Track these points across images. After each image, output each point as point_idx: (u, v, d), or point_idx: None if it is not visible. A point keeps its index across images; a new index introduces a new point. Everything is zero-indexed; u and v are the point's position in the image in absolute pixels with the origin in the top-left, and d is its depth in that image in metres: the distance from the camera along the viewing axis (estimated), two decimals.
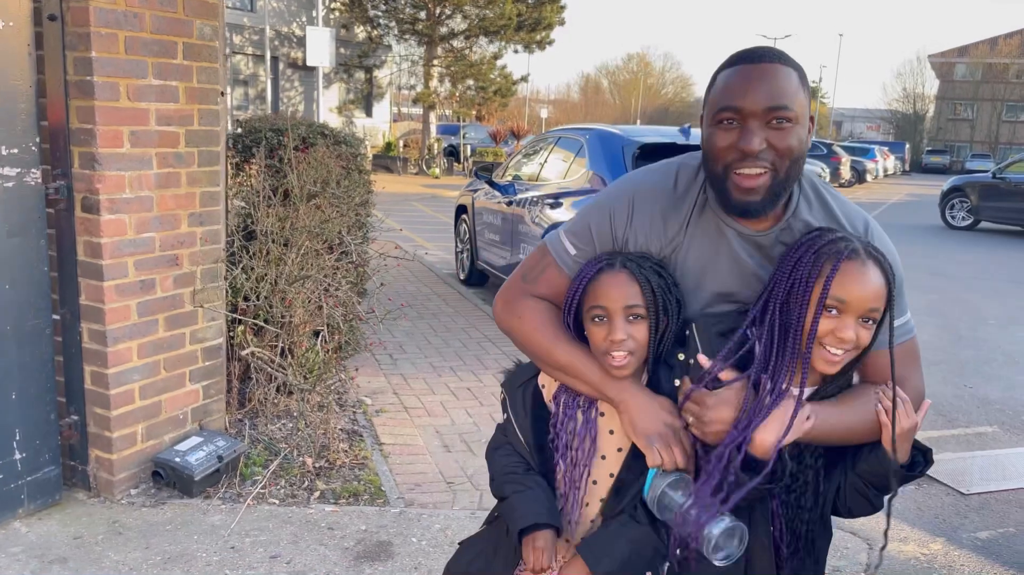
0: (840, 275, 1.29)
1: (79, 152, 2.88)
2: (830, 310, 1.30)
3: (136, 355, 3.08)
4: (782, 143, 1.34)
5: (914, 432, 1.40)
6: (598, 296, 1.43)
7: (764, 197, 1.37)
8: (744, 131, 1.34)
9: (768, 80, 1.34)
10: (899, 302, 1.43)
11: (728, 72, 1.39)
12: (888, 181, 33.51)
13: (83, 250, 2.94)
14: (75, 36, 2.79)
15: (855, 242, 1.33)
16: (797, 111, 1.35)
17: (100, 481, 3.11)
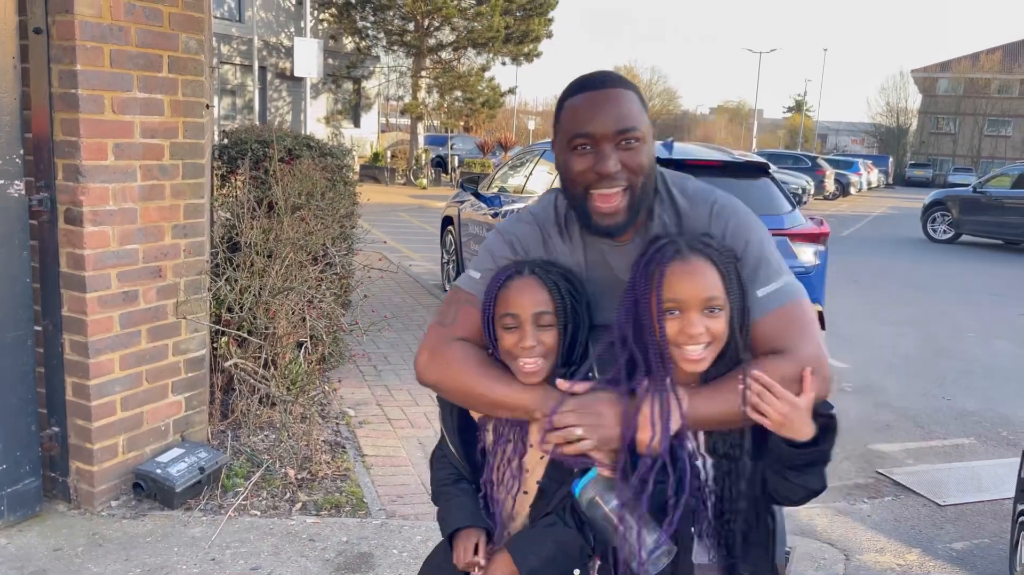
0: (667, 278, 1.35)
1: (63, 164, 2.89)
2: (671, 312, 1.35)
3: (118, 366, 3.09)
4: (634, 161, 1.42)
5: (799, 408, 1.32)
6: (508, 303, 1.46)
7: (625, 217, 1.45)
8: (599, 154, 1.41)
9: (614, 104, 1.42)
10: (764, 271, 1.44)
11: (575, 100, 1.45)
12: (872, 194, 33.84)
13: (66, 262, 2.95)
14: (60, 49, 2.81)
15: (679, 242, 1.38)
16: (643, 130, 1.43)
17: (80, 493, 3.11)
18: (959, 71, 54.84)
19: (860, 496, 3.88)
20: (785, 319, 1.43)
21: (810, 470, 1.37)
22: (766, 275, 1.44)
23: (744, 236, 1.46)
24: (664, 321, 1.36)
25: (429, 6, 23.33)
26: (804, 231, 5.26)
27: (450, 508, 1.57)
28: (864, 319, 7.95)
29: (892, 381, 5.87)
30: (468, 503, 1.55)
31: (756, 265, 1.44)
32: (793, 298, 1.45)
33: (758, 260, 1.44)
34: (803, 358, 1.39)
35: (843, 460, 4.32)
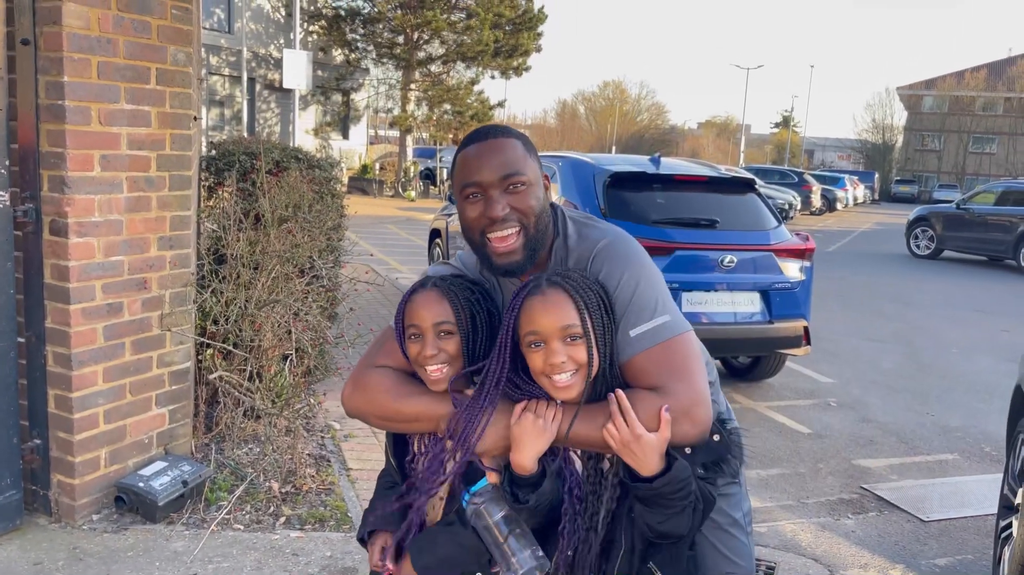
0: (524, 312, 1.43)
1: (48, 175, 2.88)
2: (536, 345, 1.42)
3: (101, 379, 3.07)
4: (522, 204, 1.50)
5: (642, 439, 1.37)
6: (411, 315, 1.55)
7: (521, 256, 1.52)
8: (487, 200, 1.50)
9: (498, 153, 1.51)
10: (634, 311, 1.47)
11: (465, 152, 1.55)
12: (858, 210, 34.11)
13: (50, 273, 2.94)
14: (48, 60, 2.81)
15: (540, 279, 1.47)
16: (529, 175, 1.52)
17: (62, 506, 3.08)
18: (944, 89, 55.49)
19: (844, 511, 3.89)
20: (656, 359, 1.45)
21: (655, 508, 1.39)
22: (636, 315, 1.47)
23: (617, 276, 1.50)
24: (528, 354, 1.44)
25: (419, 19, 23.43)
26: (790, 247, 5.30)
27: (366, 515, 1.70)
28: (848, 334, 8.00)
29: (876, 397, 5.91)
30: (384, 508, 1.65)
31: (626, 305, 1.48)
32: (665, 338, 1.46)
33: (628, 300, 1.48)
34: (685, 398, 1.41)
35: (827, 475, 4.34)
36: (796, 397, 5.81)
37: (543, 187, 1.57)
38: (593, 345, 1.42)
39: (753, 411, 5.41)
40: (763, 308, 5.19)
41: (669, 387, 1.42)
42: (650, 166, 5.57)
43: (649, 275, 1.53)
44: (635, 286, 1.49)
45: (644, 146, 59.96)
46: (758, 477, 4.23)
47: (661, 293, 1.51)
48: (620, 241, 1.57)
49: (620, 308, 1.48)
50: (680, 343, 1.47)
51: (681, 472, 1.38)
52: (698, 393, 1.43)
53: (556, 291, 1.43)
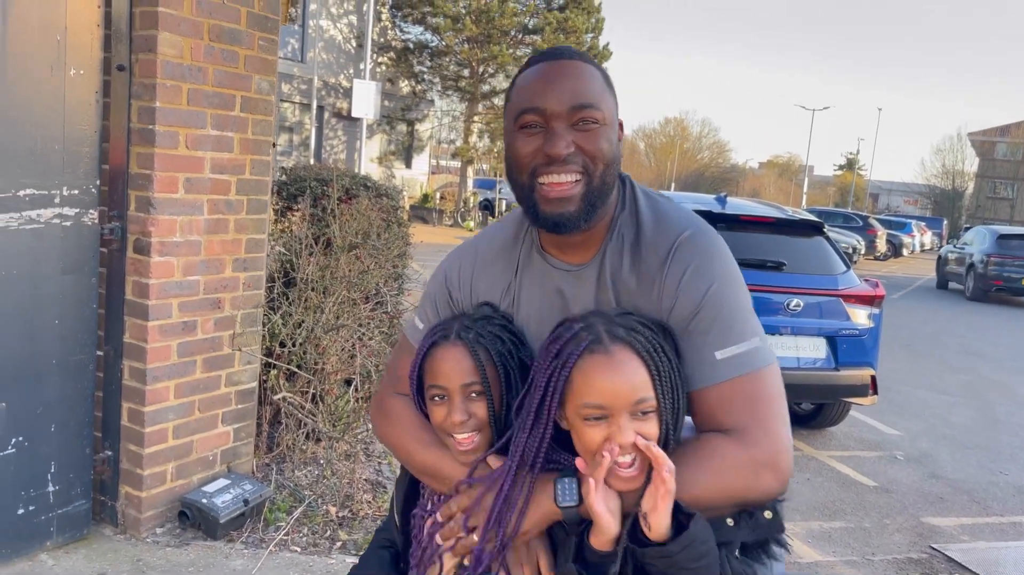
0: (582, 376, 1.14)
1: (135, 196, 2.99)
2: (595, 418, 1.14)
3: (173, 394, 3.14)
4: (591, 145, 1.22)
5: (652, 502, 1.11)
6: (435, 374, 1.33)
7: (579, 207, 1.23)
8: (549, 134, 1.22)
9: (571, 78, 1.23)
10: (723, 328, 1.22)
11: (528, 73, 1.27)
12: (924, 256, 33.18)
13: (131, 290, 3.04)
14: (141, 86, 2.93)
15: (597, 328, 1.17)
16: (605, 112, 1.24)
17: (128, 518, 3.15)
18: (1018, 136, 53.90)
19: (913, 571, 3.73)
20: (741, 392, 1.20)
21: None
22: (724, 334, 1.22)
23: (706, 282, 1.24)
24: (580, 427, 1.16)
25: (484, 53, 23.83)
26: (858, 292, 5.18)
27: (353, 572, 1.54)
28: (917, 386, 7.74)
29: (946, 452, 5.68)
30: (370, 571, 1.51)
31: (714, 320, 1.22)
32: (754, 368, 1.21)
33: (717, 314, 1.23)
34: (752, 443, 1.18)
35: (895, 532, 4.18)
36: (861, 448, 5.62)
37: (618, 135, 1.29)
38: (664, 419, 1.16)
39: (815, 459, 5.25)
40: (829, 354, 5.07)
41: (750, 429, 1.18)
42: (716, 205, 5.52)
43: (740, 284, 1.28)
44: (726, 297, 1.23)
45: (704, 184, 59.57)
46: (820, 529, 4.10)
47: (751, 310, 1.27)
48: (707, 236, 1.30)
49: (703, 322, 1.22)
50: (770, 375, 1.23)
51: (701, 532, 1.11)
52: (784, 439, 1.20)
53: (625, 351, 1.14)
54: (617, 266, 1.31)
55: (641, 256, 1.29)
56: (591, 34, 25.09)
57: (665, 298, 1.26)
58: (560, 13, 23.98)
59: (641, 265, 1.29)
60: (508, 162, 1.29)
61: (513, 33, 24.20)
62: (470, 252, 1.47)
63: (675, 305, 1.25)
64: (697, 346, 1.23)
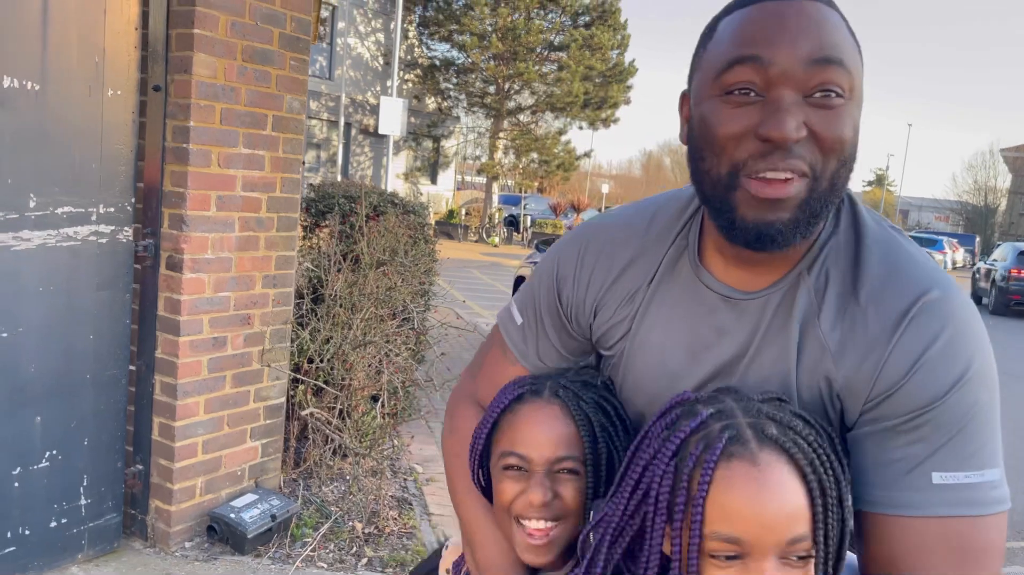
0: (719, 498, 0.78)
1: (169, 213, 3.04)
2: (723, 557, 0.79)
3: (202, 410, 3.18)
4: (831, 129, 0.83)
5: None
6: (515, 439, 1.03)
7: (794, 216, 0.85)
8: (771, 104, 0.82)
9: (810, 21, 0.82)
10: (959, 444, 0.85)
11: (741, 13, 0.86)
12: (956, 274, 32.68)
13: (163, 306, 3.08)
14: (176, 106, 2.99)
15: (736, 417, 0.81)
16: (855, 79, 0.84)
17: (157, 532, 3.18)
18: None
19: None
20: (949, 539, 0.84)
21: None
22: (957, 452, 0.84)
23: (957, 373, 0.85)
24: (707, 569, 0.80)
25: (510, 70, 23.99)
26: None
27: None
28: None
29: None
30: None
31: (951, 428, 0.85)
32: (983, 511, 0.84)
33: (959, 422, 0.85)
34: None
35: None
36: None
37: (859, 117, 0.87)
38: (823, 568, 0.81)
39: None
40: None
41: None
42: None
43: (996, 388, 0.89)
44: (978, 400, 0.85)
45: None
46: None
47: (999, 428, 0.88)
48: (963, 303, 0.89)
49: (933, 427, 0.85)
50: (998, 527, 0.86)
51: None
52: None
53: (779, 462, 0.78)
54: (813, 310, 0.91)
55: (857, 306, 0.89)
56: (616, 51, 25.16)
57: (884, 378, 0.86)
58: (586, 30, 24.10)
59: (854, 319, 0.89)
60: (696, 144, 0.89)
61: (539, 50, 24.33)
62: (584, 235, 1.09)
63: (897, 391, 0.86)
64: (910, 455, 0.85)
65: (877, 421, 0.88)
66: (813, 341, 0.91)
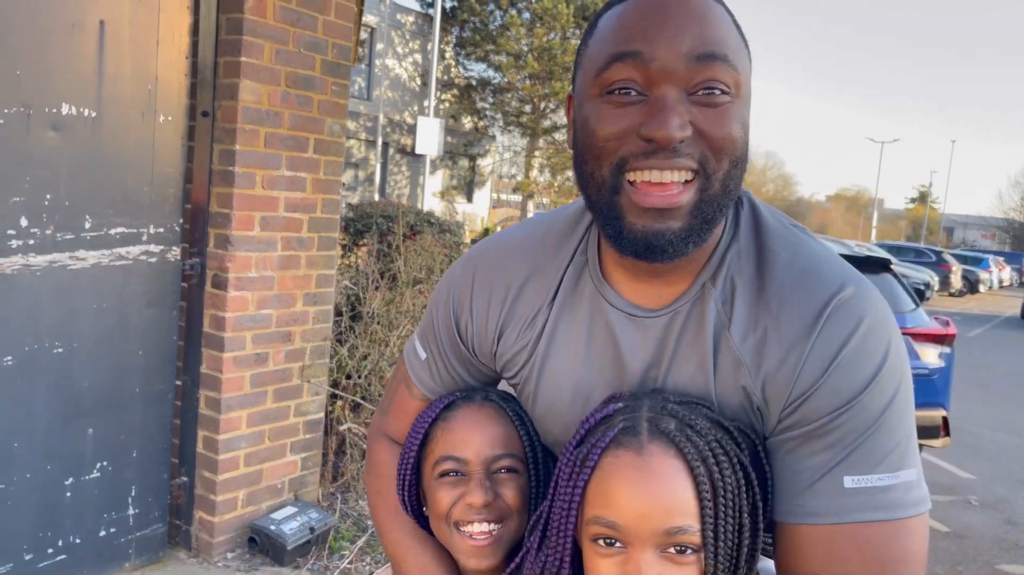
0: (601, 478, 0.80)
1: (215, 233, 3.16)
2: (606, 542, 0.80)
3: (245, 423, 3.28)
4: (718, 127, 0.79)
5: None
6: (450, 443, 1.00)
7: (686, 224, 0.81)
8: (655, 103, 0.78)
9: (693, 17, 0.79)
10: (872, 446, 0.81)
11: (622, 7, 0.83)
12: (1003, 293, 31.93)
13: (208, 322, 3.19)
14: (223, 131, 3.11)
15: (639, 412, 0.82)
16: (741, 75, 0.81)
17: (201, 542, 3.27)
18: None
19: None
20: (865, 545, 0.80)
21: None
22: (871, 454, 0.81)
23: (870, 371, 0.82)
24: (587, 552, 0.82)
25: (546, 89, 24.14)
26: (928, 331, 5.05)
27: None
28: (993, 428, 7.45)
29: (1023, 497, 5.46)
30: None
31: (865, 430, 0.81)
32: (899, 514, 0.81)
33: (872, 423, 0.82)
34: None
35: None
36: (934, 492, 5.41)
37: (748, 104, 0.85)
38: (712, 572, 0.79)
39: None
40: None
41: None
42: None
43: (910, 385, 0.86)
44: (891, 399, 0.82)
45: None
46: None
47: (914, 425, 0.86)
48: (874, 301, 0.86)
49: (846, 429, 0.82)
50: (917, 530, 0.82)
51: None
52: None
53: (664, 452, 0.79)
54: (723, 322, 0.88)
55: (768, 314, 0.86)
56: None
57: (801, 380, 0.83)
58: None
59: (766, 328, 0.86)
60: (579, 148, 0.85)
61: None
62: (476, 256, 1.04)
63: (815, 392, 0.83)
64: (821, 462, 0.82)
65: (793, 427, 0.84)
66: (726, 354, 0.88)
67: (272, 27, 3.11)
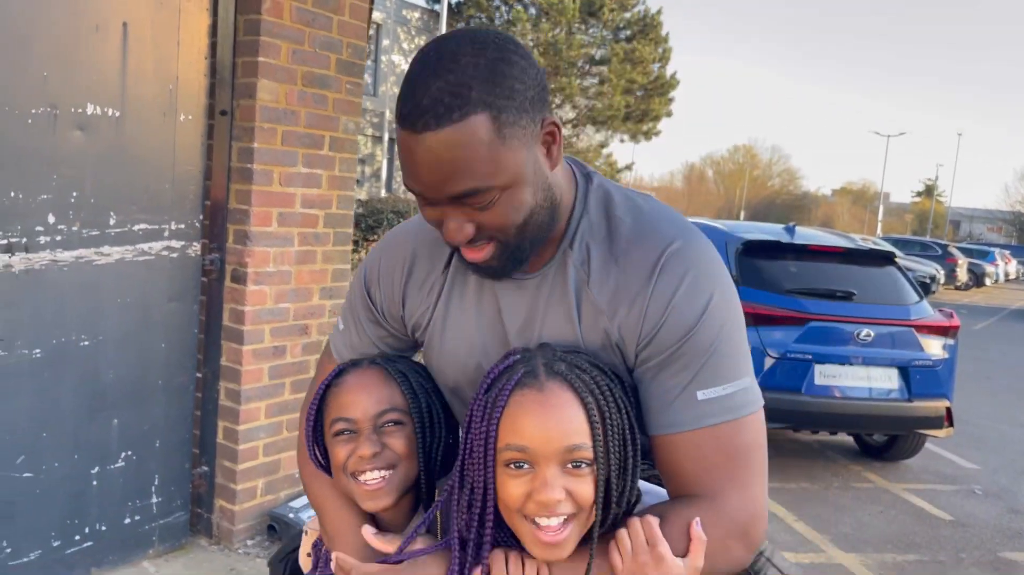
0: (510, 414, 0.96)
1: (234, 229, 3.24)
2: (516, 466, 0.96)
3: (263, 414, 3.36)
4: (493, 221, 0.97)
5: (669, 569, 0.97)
6: (341, 405, 1.15)
7: (504, 264, 1.04)
8: (443, 218, 0.99)
9: (439, 162, 0.91)
10: (711, 365, 1.02)
11: (400, 133, 0.96)
12: (1009, 286, 31.89)
13: (228, 316, 3.28)
14: (241, 129, 3.19)
15: (534, 361, 1.00)
16: (500, 179, 0.94)
17: (222, 530, 3.36)
18: None
19: None
20: (719, 443, 1.02)
21: None
22: (714, 371, 1.02)
23: (700, 305, 1.02)
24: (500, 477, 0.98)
25: (553, 85, 24.17)
26: (932, 323, 5.12)
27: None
28: (996, 419, 7.51)
29: None
30: None
31: (704, 352, 1.02)
32: (739, 414, 1.03)
33: (709, 345, 1.02)
34: (725, 506, 1.01)
35: (971, 566, 4.11)
36: (936, 481, 5.51)
37: (539, 168, 0.99)
38: (604, 479, 0.97)
39: (888, 492, 5.18)
40: (902, 385, 5.01)
41: (725, 492, 1.01)
42: (784, 235, 5.55)
43: (739, 310, 1.07)
44: (723, 325, 1.03)
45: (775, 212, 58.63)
46: (894, 561, 4.06)
47: (746, 342, 1.08)
48: (703, 248, 1.07)
49: (690, 354, 1.02)
50: (755, 423, 1.05)
51: None
52: (760, 503, 1.04)
53: (561, 388, 0.97)
54: (582, 279, 1.08)
55: (616, 268, 1.06)
56: (658, 64, 25.21)
57: (647, 322, 1.03)
58: (627, 44, 24.20)
59: (616, 280, 1.05)
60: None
61: (580, 64, 24.50)
62: (388, 238, 1.27)
63: (659, 331, 1.03)
64: (677, 383, 1.03)
65: (648, 359, 1.05)
66: (588, 304, 1.08)
67: (288, 28, 3.19)
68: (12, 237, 2.65)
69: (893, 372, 5.01)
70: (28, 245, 2.70)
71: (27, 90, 2.63)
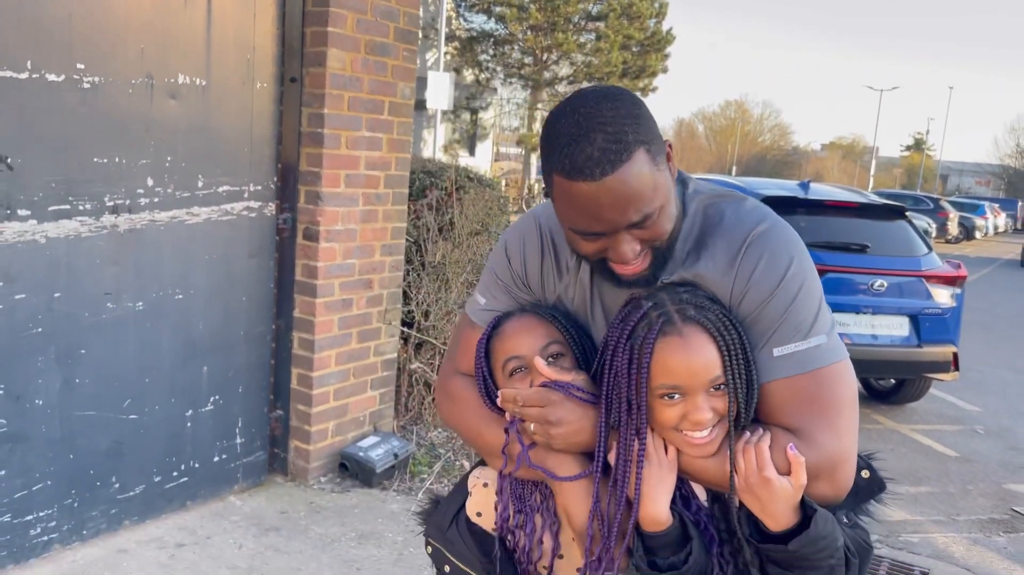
0: (659, 359, 1.15)
1: (305, 190, 3.46)
2: (668, 396, 1.16)
3: (334, 362, 3.63)
4: (654, 233, 1.18)
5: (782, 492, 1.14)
6: (509, 347, 1.29)
7: (653, 271, 1.22)
8: (613, 242, 1.17)
9: (622, 199, 1.12)
10: (789, 325, 1.19)
11: (570, 188, 1.13)
12: (999, 239, 32.34)
13: (300, 271, 3.52)
14: (311, 96, 3.39)
15: (667, 308, 1.17)
16: (659, 199, 1.15)
17: (297, 468, 3.65)
18: None
19: (995, 530, 4.02)
20: (800, 391, 1.18)
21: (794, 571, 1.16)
22: (789, 331, 1.19)
23: (776, 278, 1.20)
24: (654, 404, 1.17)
25: (549, 41, 24.11)
26: (941, 273, 5.41)
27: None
28: (995, 365, 7.87)
29: None
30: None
31: (778, 318, 1.19)
32: (818, 365, 1.18)
33: (783, 311, 1.19)
34: (811, 447, 1.15)
35: (977, 496, 4.45)
36: (941, 422, 5.86)
37: (671, 186, 1.19)
38: (734, 394, 1.17)
39: (897, 432, 5.52)
40: (912, 332, 5.32)
41: (811, 433, 1.16)
42: (800, 191, 5.80)
43: (813, 279, 1.23)
44: (795, 294, 1.19)
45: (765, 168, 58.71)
46: (907, 493, 4.40)
47: (822, 305, 1.23)
48: (783, 229, 1.25)
49: (769, 320, 1.20)
50: (835, 374, 1.19)
51: (823, 528, 1.14)
52: (846, 447, 1.17)
53: (696, 331, 1.15)
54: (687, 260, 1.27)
55: (707, 253, 1.24)
56: (655, 19, 25.15)
57: (736, 289, 1.22)
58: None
59: (712, 258, 1.24)
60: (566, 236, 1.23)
61: (577, 20, 24.41)
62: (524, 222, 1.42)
63: (744, 297, 1.21)
64: (756, 341, 1.20)
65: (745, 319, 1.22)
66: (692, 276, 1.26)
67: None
68: (117, 199, 2.88)
69: (904, 320, 5.32)
70: (131, 206, 2.92)
71: (127, 62, 2.83)
